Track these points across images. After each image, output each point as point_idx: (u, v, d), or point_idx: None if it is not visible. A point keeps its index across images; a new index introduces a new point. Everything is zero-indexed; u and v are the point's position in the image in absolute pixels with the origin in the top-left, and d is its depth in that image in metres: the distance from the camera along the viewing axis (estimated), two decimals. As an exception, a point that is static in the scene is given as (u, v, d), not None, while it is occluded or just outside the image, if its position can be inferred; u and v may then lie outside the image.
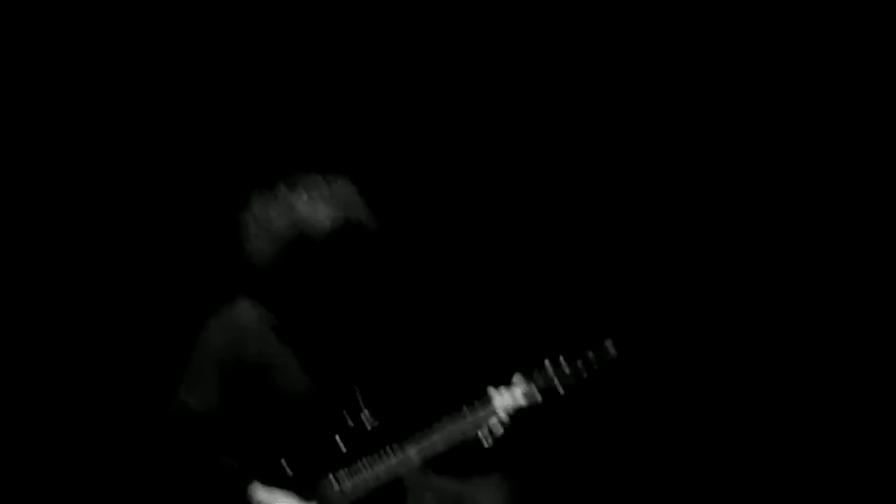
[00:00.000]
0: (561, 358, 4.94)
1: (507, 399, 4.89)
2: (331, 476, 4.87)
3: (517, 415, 4.87)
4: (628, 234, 6.46)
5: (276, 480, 4.85)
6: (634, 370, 6.02)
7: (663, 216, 6.46)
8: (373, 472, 4.87)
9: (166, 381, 4.99)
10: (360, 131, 6.31)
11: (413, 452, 4.88)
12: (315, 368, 4.92)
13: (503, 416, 4.87)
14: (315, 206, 4.92)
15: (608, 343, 4.94)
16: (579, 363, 4.92)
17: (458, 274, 6.24)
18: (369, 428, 4.91)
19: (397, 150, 6.31)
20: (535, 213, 6.40)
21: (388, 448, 4.89)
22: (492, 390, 4.90)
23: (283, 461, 4.86)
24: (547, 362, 4.93)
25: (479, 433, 4.87)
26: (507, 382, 4.93)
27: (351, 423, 4.90)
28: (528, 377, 4.93)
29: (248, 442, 4.86)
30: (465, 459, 4.92)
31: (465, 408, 4.89)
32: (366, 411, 4.92)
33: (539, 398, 4.90)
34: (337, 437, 4.89)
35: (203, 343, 4.91)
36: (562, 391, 4.91)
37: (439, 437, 4.88)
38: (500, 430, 4.87)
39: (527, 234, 6.41)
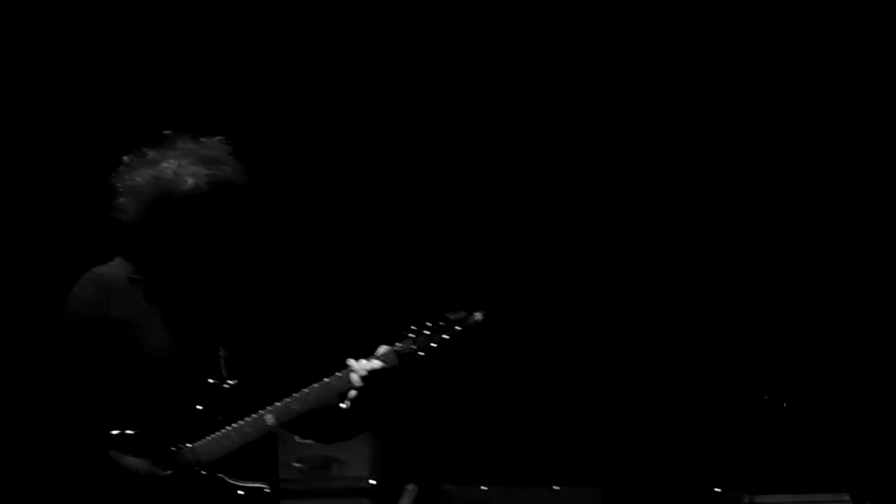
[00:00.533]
0: (425, 324, 4.90)
1: (365, 364, 4.86)
2: (186, 439, 4.80)
3: (373, 377, 4.83)
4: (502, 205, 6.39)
5: (133, 441, 4.80)
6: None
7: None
8: (229, 435, 4.82)
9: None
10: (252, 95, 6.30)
11: (269, 416, 4.84)
12: (177, 327, 4.90)
13: (357, 379, 4.83)
14: (179, 164, 4.91)
15: (476, 311, 4.89)
16: (442, 327, 4.88)
17: (328, 240, 6.24)
18: (227, 387, 4.84)
19: (280, 116, 6.29)
20: (403, 181, 6.37)
21: (245, 412, 4.84)
22: (350, 360, 4.88)
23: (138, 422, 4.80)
24: (411, 328, 4.91)
25: (336, 396, 4.85)
26: (371, 352, 4.90)
27: (210, 383, 4.84)
28: (391, 344, 4.90)
29: (107, 401, 4.83)
30: (329, 422, 4.89)
31: (324, 377, 4.88)
32: (225, 373, 4.86)
33: (396, 362, 4.83)
34: (195, 399, 4.84)
35: (71, 298, 4.92)
36: (422, 354, 4.83)
37: (296, 402, 4.84)
38: (353, 393, 4.84)
39: (401, 206, 6.41)
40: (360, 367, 4.85)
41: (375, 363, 4.85)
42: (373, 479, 6.04)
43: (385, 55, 6.56)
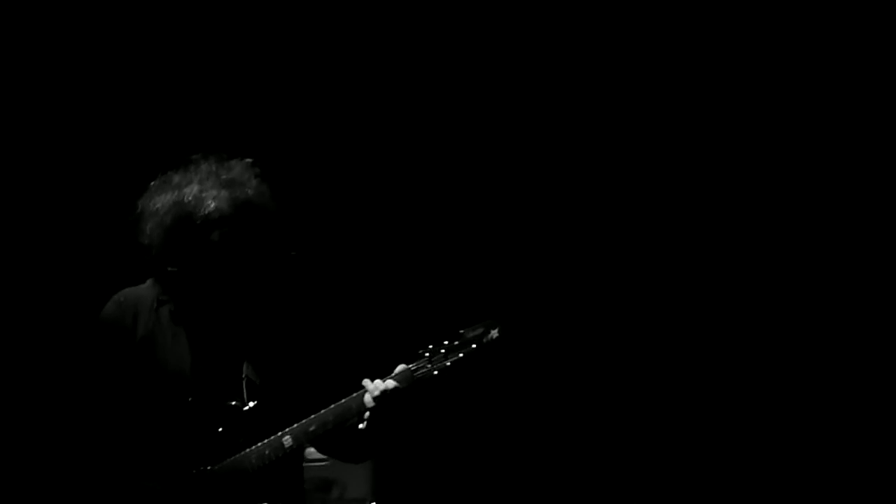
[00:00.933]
0: (442, 342, 4.85)
1: (380, 385, 4.83)
2: (207, 461, 4.82)
3: (388, 397, 4.80)
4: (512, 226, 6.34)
5: (153, 463, 4.84)
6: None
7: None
8: (248, 457, 4.84)
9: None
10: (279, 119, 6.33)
11: (288, 438, 4.85)
12: (201, 349, 4.94)
13: (370, 400, 4.80)
14: (202, 187, 4.93)
15: (493, 328, 4.80)
16: (458, 346, 4.82)
17: (351, 263, 6.22)
18: (248, 410, 4.85)
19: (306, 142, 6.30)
20: (422, 209, 6.31)
21: (265, 434, 4.85)
22: (366, 381, 4.85)
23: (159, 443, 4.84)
24: (428, 347, 4.85)
25: (353, 417, 4.83)
26: (390, 372, 4.86)
27: (232, 405, 4.85)
28: (407, 364, 4.86)
29: (127, 421, 4.89)
30: (350, 442, 4.88)
31: (341, 398, 4.86)
32: (247, 394, 4.87)
33: (412, 382, 4.78)
34: (217, 421, 4.86)
35: (98, 319, 5.00)
36: (437, 374, 4.77)
37: (313, 423, 4.84)
38: (367, 414, 4.81)
39: (419, 228, 6.34)
40: (375, 387, 4.82)
41: (390, 384, 4.81)
42: (373, 501, 6.00)
43: (399, 84, 6.54)
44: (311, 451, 5.05)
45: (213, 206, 4.88)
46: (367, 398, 4.81)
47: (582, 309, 6.41)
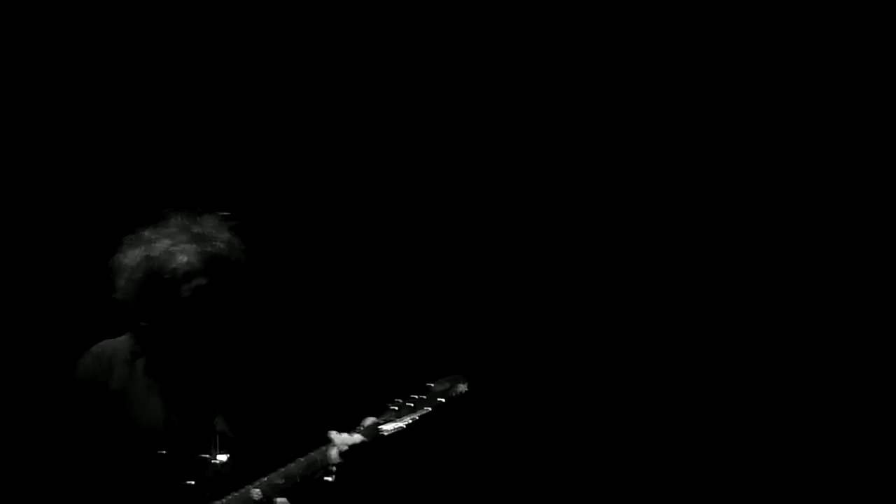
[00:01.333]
0: (410, 396, 4.89)
1: (346, 438, 4.87)
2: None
3: (354, 451, 4.83)
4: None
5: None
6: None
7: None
8: (217, 509, 4.87)
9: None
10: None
11: (256, 491, 4.89)
12: (174, 401, 4.99)
13: (335, 455, 4.84)
14: (172, 242, 4.97)
15: (460, 382, 4.85)
16: (425, 400, 4.87)
17: (321, 315, 6.26)
18: (218, 463, 4.89)
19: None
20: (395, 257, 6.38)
21: (235, 486, 4.89)
22: (333, 433, 4.88)
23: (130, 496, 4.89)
24: (395, 401, 4.90)
25: (319, 469, 4.86)
26: (358, 424, 4.91)
27: (202, 458, 4.89)
28: (375, 417, 4.90)
29: (99, 470, 4.94)
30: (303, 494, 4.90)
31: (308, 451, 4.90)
32: (217, 447, 4.92)
33: (377, 435, 4.82)
34: (187, 473, 4.91)
35: (76, 368, 5.05)
36: (404, 427, 4.81)
37: (280, 476, 4.88)
38: (334, 467, 4.84)
39: (390, 280, 6.42)
40: (342, 440, 4.86)
41: (356, 437, 4.86)
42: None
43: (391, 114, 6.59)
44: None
45: (183, 260, 4.94)
46: (333, 452, 4.84)
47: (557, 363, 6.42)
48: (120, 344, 5.09)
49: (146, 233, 5.05)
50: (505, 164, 6.52)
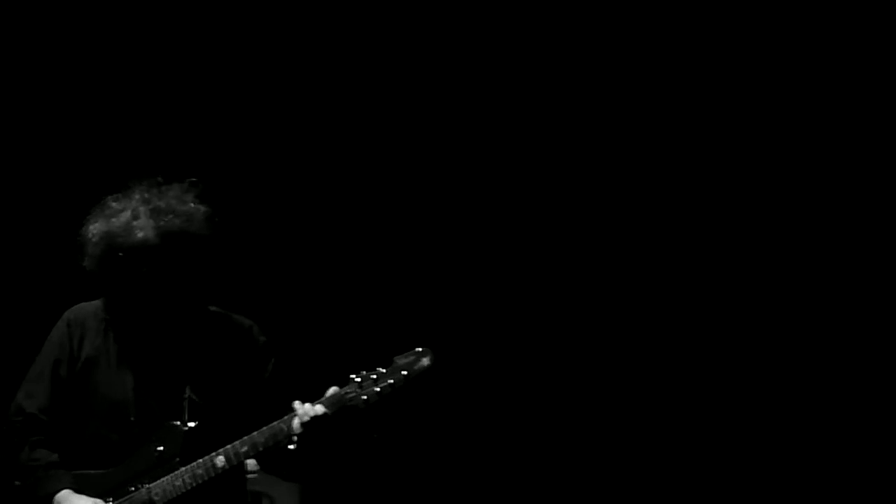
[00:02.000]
0: (375, 369, 4.93)
1: (309, 410, 4.92)
2: (146, 479, 4.95)
3: (316, 422, 4.89)
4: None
5: (87, 480, 5.00)
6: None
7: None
8: (181, 475, 4.98)
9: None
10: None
11: (220, 458, 4.98)
12: (143, 368, 5.08)
13: (298, 425, 4.90)
14: (133, 215, 5.01)
15: (424, 356, 4.89)
16: (389, 373, 4.90)
17: (290, 285, 6.28)
18: (187, 429, 4.95)
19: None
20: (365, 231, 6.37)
21: (202, 454, 4.98)
22: (296, 403, 4.95)
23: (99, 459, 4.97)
24: (360, 373, 4.93)
25: (283, 439, 4.93)
26: (321, 394, 4.96)
27: (171, 424, 4.97)
28: (339, 387, 4.95)
29: (67, 437, 5.05)
30: (284, 461, 4.97)
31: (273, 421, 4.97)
32: (187, 414, 4.99)
33: (340, 408, 4.88)
34: (156, 440, 5.00)
35: (53, 331, 5.17)
36: (366, 400, 4.86)
37: (244, 444, 4.97)
38: (296, 437, 4.91)
39: (362, 252, 6.42)
40: (304, 411, 4.92)
41: (319, 408, 4.92)
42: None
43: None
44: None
45: (140, 236, 4.98)
46: (296, 422, 4.90)
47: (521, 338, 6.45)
48: (94, 309, 5.17)
49: (111, 204, 5.09)
50: (460, 141, 6.54)
